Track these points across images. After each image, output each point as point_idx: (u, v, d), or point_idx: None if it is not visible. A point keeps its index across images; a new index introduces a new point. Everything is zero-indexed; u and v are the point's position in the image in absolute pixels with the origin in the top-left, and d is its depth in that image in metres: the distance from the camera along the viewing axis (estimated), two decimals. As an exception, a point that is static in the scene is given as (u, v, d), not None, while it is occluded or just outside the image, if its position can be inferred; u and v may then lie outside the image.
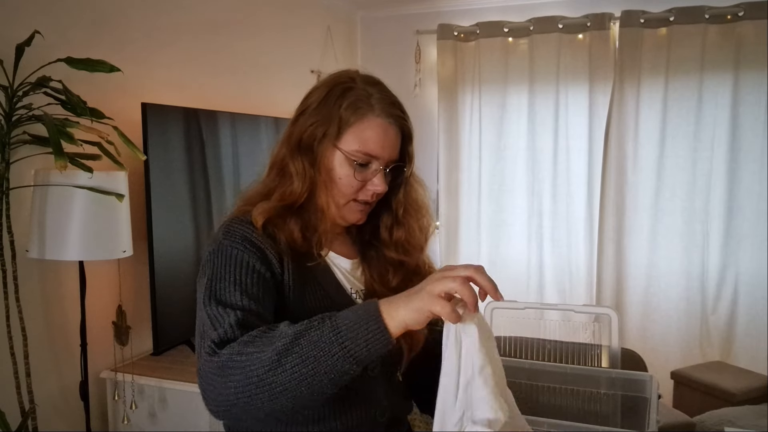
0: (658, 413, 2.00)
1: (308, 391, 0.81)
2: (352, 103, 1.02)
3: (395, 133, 1.05)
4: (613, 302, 3.64)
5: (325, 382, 0.81)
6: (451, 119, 3.95)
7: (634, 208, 3.64)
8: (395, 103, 1.05)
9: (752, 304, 3.43)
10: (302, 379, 0.81)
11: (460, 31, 3.90)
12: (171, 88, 2.50)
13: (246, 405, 0.83)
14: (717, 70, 3.42)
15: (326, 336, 0.81)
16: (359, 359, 0.81)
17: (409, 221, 1.13)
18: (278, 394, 0.81)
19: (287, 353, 0.81)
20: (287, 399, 0.82)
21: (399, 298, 0.83)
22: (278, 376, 0.81)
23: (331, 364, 0.80)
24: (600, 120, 3.65)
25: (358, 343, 0.80)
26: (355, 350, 0.80)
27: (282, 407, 0.83)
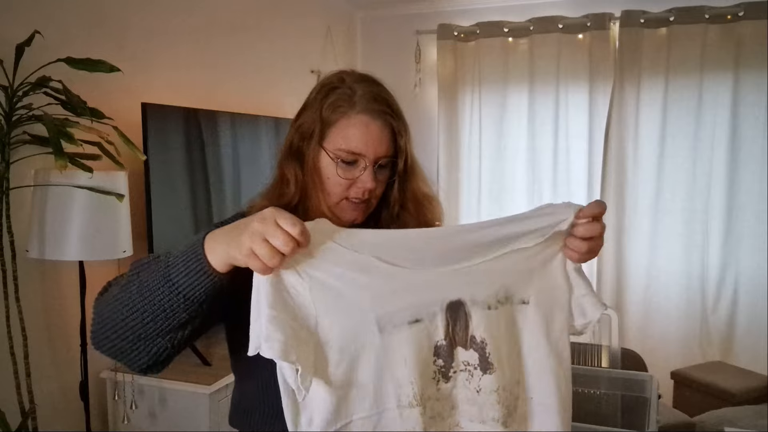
0: (658, 413, 2.00)
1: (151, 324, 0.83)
2: (333, 102, 1.02)
3: (379, 128, 1.01)
4: (613, 302, 3.64)
5: (161, 315, 0.82)
6: (451, 119, 3.95)
7: (634, 208, 3.63)
8: (379, 98, 1.03)
9: (752, 304, 3.43)
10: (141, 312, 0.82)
11: (460, 31, 3.90)
12: (171, 88, 2.50)
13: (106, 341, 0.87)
14: (717, 70, 3.42)
15: (159, 276, 0.82)
16: (186, 294, 0.81)
17: (406, 217, 1.10)
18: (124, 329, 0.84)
19: (128, 288, 0.84)
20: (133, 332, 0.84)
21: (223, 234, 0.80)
22: (120, 311, 0.84)
23: (161, 298, 0.81)
24: (600, 120, 3.65)
25: (184, 279, 0.80)
26: (182, 286, 0.81)
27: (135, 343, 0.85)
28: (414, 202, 1.10)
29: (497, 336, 0.84)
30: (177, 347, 0.88)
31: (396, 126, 1.03)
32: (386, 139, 1.02)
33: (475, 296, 0.84)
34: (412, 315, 0.82)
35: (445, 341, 0.83)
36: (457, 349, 0.83)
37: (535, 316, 0.86)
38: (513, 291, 0.85)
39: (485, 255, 0.84)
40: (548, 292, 0.86)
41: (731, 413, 2.63)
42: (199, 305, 0.82)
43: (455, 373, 0.84)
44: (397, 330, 0.81)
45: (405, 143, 1.05)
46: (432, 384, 0.83)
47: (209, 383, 2.07)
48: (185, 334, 0.86)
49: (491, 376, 0.83)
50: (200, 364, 2.22)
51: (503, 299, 0.85)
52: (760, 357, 3.30)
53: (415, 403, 0.81)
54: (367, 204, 1.05)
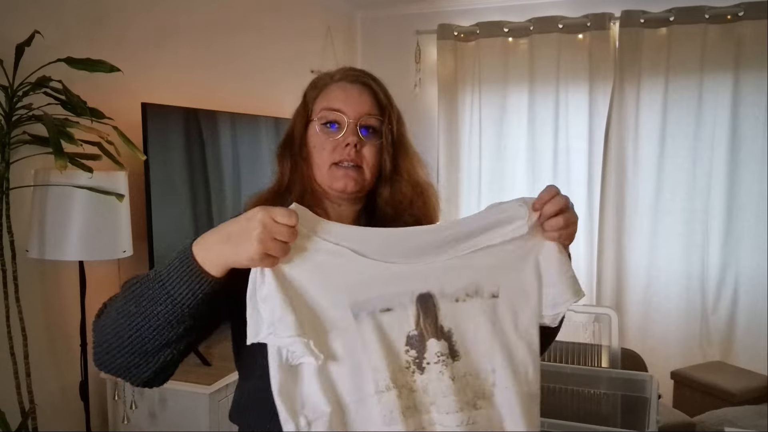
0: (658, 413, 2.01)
1: (155, 337, 0.84)
2: (315, 82, 1.10)
3: (358, 90, 1.05)
4: (613, 302, 3.64)
5: (165, 327, 0.83)
6: (451, 119, 3.95)
7: (634, 208, 3.63)
8: (357, 69, 1.08)
9: (752, 304, 3.43)
10: (144, 329, 0.84)
11: (460, 31, 3.90)
12: (171, 88, 2.50)
13: (110, 360, 0.89)
14: (717, 70, 3.42)
15: (155, 286, 0.83)
16: (187, 304, 0.82)
17: (400, 184, 1.09)
18: (129, 346, 0.85)
19: (125, 307, 0.85)
20: (138, 348, 0.85)
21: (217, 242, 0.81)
22: (122, 329, 0.85)
23: (162, 312, 0.82)
24: (600, 120, 3.65)
25: (180, 289, 0.81)
26: (179, 295, 0.81)
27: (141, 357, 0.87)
28: (408, 178, 1.10)
29: (464, 326, 0.87)
30: (181, 354, 0.90)
31: (375, 88, 1.06)
32: (367, 101, 1.05)
33: (444, 289, 0.87)
34: (384, 304, 0.85)
35: (416, 331, 0.86)
36: (429, 341, 0.86)
37: (504, 309, 0.89)
38: (482, 285, 0.89)
39: (454, 252, 0.88)
40: (517, 286, 0.90)
41: (731, 413, 2.63)
42: (200, 311, 0.84)
43: (429, 364, 0.86)
44: (370, 317, 0.84)
45: (389, 106, 1.06)
46: (406, 373, 0.85)
47: (209, 383, 2.07)
48: (190, 341, 0.88)
49: (459, 363, 0.87)
50: (200, 364, 2.22)
51: (472, 293, 0.88)
52: (760, 357, 3.30)
53: (391, 386, 0.83)
54: (358, 171, 1.04)
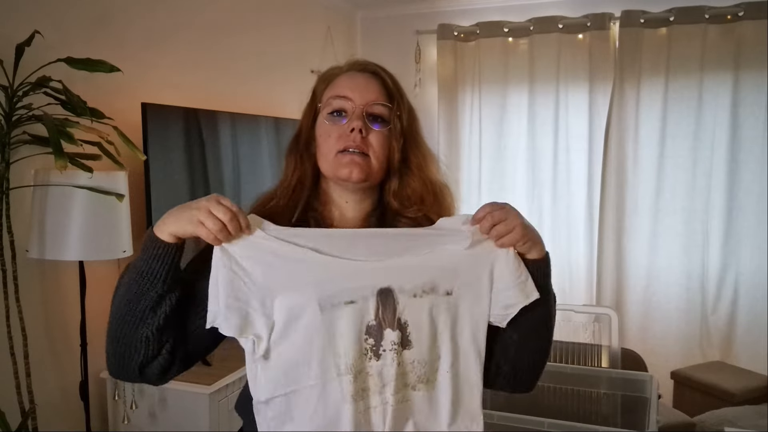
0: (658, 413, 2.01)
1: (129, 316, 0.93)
2: (323, 75, 1.10)
3: (366, 78, 1.05)
4: (613, 302, 3.64)
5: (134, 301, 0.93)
6: (451, 119, 3.95)
7: (634, 208, 3.63)
8: (364, 60, 1.09)
9: (752, 304, 3.43)
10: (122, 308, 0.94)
11: (460, 31, 3.90)
12: (171, 88, 2.50)
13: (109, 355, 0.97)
14: (717, 70, 3.42)
15: (129, 274, 0.95)
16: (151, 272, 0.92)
17: (410, 178, 1.08)
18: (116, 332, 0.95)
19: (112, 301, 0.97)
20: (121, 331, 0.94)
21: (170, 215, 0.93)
22: (111, 320, 0.96)
23: (132, 287, 0.93)
24: (600, 120, 3.65)
25: (144, 263, 0.93)
26: (145, 268, 0.93)
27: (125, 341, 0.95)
28: (419, 172, 1.08)
29: (419, 319, 0.95)
30: (156, 334, 0.94)
31: (384, 76, 1.06)
32: (375, 88, 1.04)
33: (403, 286, 0.95)
34: (348, 297, 0.93)
35: (375, 322, 0.94)
36: (386, 330, 0.94)
37: (456, 305, 0.97)
38: (438, 283, 0.96)
39: (414, 253, 0.97)
40: (470, 287, 0.98)
41: (731, 413, 2.63)
42: (161, 281, 0.92)
43: (384, 351, 0.94)
44: (336, 309, 0.92)
45: (397, 95, 1.06)
46: (364, 359, 0.94)
47: (209, 383, 2.08)
48: (160, 318, 0.93)
49: (409, 351, 0.95)
50: (200, 364, 2.22)
51: (429, 290, 0.96)
52: (760, 357, 3.30)
53: (350, 371, 0.92)
54: (364, 158, 1.02)
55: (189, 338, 0.99)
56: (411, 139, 1.08)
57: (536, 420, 1.88)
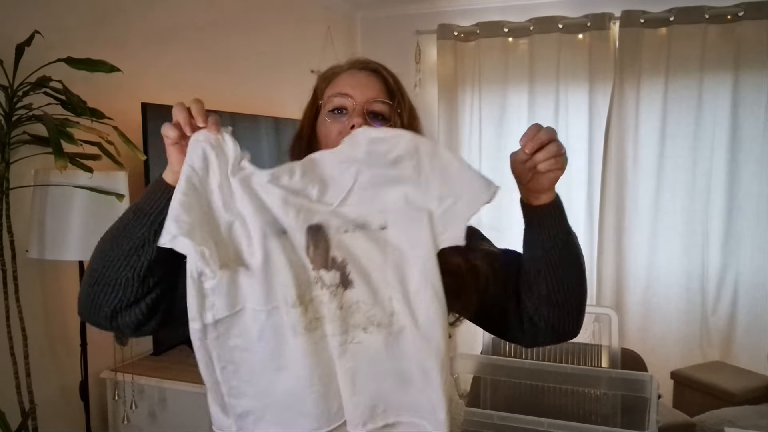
0: (658, 413, 2.01)
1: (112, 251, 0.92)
2: (324, 74, 1.11)
3: (366, 75, 1.06)
4: (613, 302, 3.64)
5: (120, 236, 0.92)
6: (451, 119, 3.95)
7: (634, 208, 3.64)
8: (365, 58, 1.10)
9: (752, 304, 3.43)
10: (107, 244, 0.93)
11: (460, 31, 3.90)
12: (171, 88, 2.50)
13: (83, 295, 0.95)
14: (717, 70, 3.42)
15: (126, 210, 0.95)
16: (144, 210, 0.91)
17: None
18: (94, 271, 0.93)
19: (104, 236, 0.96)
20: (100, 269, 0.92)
21: None
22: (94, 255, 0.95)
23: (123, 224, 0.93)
24: (600, 120, 3.65)
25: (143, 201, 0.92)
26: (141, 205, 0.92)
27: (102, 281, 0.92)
28: None
29: (356, 256, 0.89)
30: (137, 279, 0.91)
31: (385, 74, 1.06)
32: (375, 86, 1.05)
33: (331, 222, 0.89)
34: (280, 227, 0.89)
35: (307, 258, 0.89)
36: (320, 271, 0.88)
37: (395, 240, 0.90)
38: (369, 220, 0.90)
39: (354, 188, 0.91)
40: (405, 212, 0.90)
41: (731, 413, 2.63)
42: (152, 220, 0.90)
43: (322, 289, 0.88)
44: (275, 238, 0.88)
45: (398, 92, 1.05)
46: (315, 288, 0.88)
47: (209, 383, 2.07)
48: (143, 262, 0.90)
49: (351, 291, 0.88)
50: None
51: (360, 225, 0.90)
52: (760, 357, 3.30)
53: (297, 303, 0.86)
54: None
55: (176, 299, 0.94)
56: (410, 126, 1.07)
57: (536, 420, 1.88)
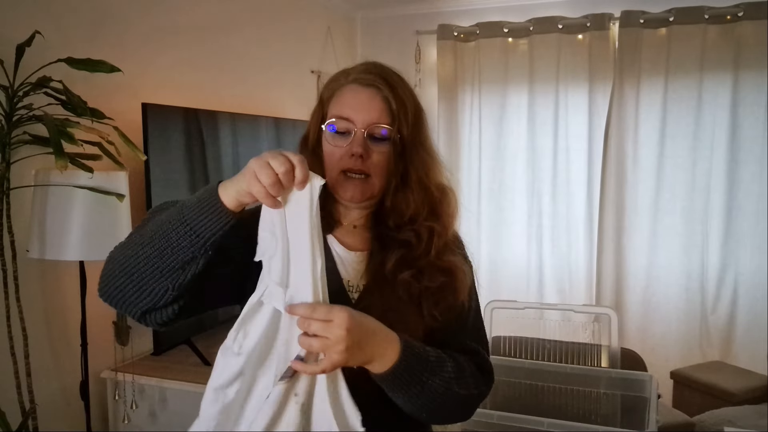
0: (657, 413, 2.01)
1: (156, 260, 0.89)
2: (331, 80, 1.09)
3: (370, 95, 1.03)
4: (612, 302, 3.64)
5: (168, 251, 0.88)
6: (451, 119, 3.95)
7: (634, 208, 3.64)
8: (373, 70, 1.05)
9: (752, 304, 3.43)
10: (150, 248, 0.89)
11: (460, 32, 3.90)
12: (171, 88, 2.50)
13: (112, 282, 0.93)
14: (717, 70, 3.42)
15: (173, 215, 0.90)
16: (197, 231, 0.88)
17: (406, 192, 1.05)
18: (131, 267, 0.90)
19: (142, 228, 0.92)
20: (138, 270, 0.90)
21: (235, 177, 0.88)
22: (131, 250, 0.91)
23: (170, 235, 0.88)
24: (600, 120, 3.65)
25: (196, 217, 0.88)
26: (193, 222, 0.87)
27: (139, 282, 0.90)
28: (418, 184, 1.06)
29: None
30: (177, 290, 0.91)
31: (388, 94, 1.03)
32: (377, 108, 1.02)
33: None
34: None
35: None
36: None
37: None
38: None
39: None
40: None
41: (731, 413, 2.64)
42: (204, 243, 0.88)
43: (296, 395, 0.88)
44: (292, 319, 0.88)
45: (399, 113, 1.03)
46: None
47: (209, 383, 2.07)
48: (187, 276, 0.90)
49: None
50: (200, 363, 2.22)
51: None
52: (760, 357, 3.30)
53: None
54: (366, 180, 1.03)
55: (203, 293, 0.96)
56: (413, 151, 1.06)
57: (536, 420, 1.88)
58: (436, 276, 1.04)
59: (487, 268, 3.86)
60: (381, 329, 0.92)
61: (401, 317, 1.02)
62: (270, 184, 0.84)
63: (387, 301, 1.02)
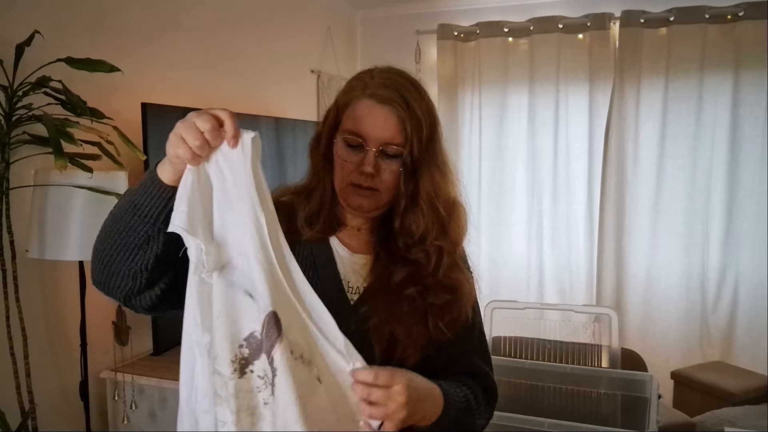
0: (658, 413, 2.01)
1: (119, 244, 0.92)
2: (349, 86, 1.07)
3: (385, 114, 1.01)
4: (613, 302, 3.64)
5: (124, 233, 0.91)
6: (451, 119, 3.95)
7: (634, 208, 3.64)
8: (391, 85, 1.03)
9: (752, 304, 3.43)
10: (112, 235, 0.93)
11: (460, 31, 3.90)
12: (171, 88, 2.50)
13: (94, 271, 0.97)
14: (717, 70, 3.42)
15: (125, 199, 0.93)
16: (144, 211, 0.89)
17: (416, 212, 1.05)
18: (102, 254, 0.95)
19: (106, 220, 0.97)
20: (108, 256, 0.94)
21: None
22: (99, 240, 0.96)
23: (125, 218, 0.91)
24: (600, 120, 3.65)
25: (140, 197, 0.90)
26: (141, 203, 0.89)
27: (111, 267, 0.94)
28: (428, 203, 1.05)
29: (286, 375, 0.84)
30: (147, 271, 0.92)
31: (403, 114, 1.01)
32: (392, 127, 1.01)
33: (291, 327, 0.86)
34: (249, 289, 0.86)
35: (259, 337, 0.85)
36: (262, 355, 0.85)
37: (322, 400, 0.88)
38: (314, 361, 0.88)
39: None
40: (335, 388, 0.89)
41: (731, 413, 2.63)
42: (154, 222, 0.89)
43: (251, 373, 0.85)
44: (234, 288, 0.86)
45: (413, 134, 1.01)
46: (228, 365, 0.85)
47: (209, 383, 2.07)
48: (150, 256, 0.91)
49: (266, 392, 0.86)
50: (200, 364, 2.22)
51: (307, 361, 0.87)
52: (760, 357, 3.30)
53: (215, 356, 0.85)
54: (374, 194, 1.04)
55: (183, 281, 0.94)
56: (424, 169, 1.05)
57: (536, 420, 1.88)
58: (442, 294, 1.05)
59: (487, 268, 3.86)
60: (430, 390, 0.97)
61: (407, 330, 1.02)
62: (198, 146, 0.83)
63: (390, 310, 1.02)
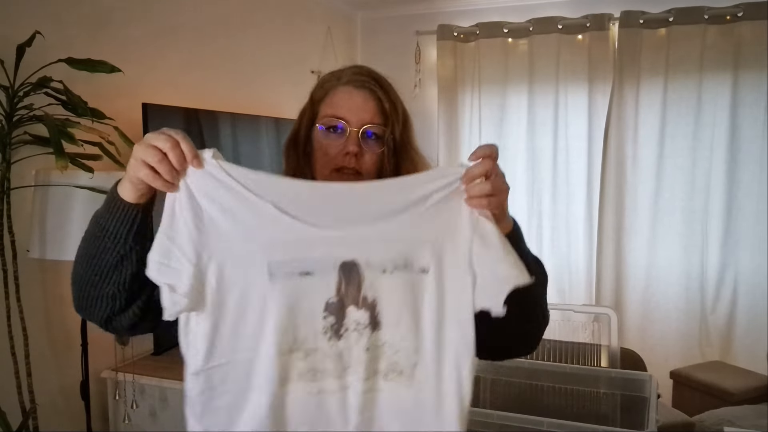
0: (657, 413, 2.01)
1: (91, 270, 0.90)
2: (323, 81, 1.10)
3: (363, 97, 1.05)
4: (612, 302, 3.64)
5: (96, 258, 0.90)
6: (451, 119, 3.95)
7: (634, 208, 3.64)
8: (365, 72, 1.07)
9: (752, 304, 3.43)
10: (84, 261, 0.91)
11: (459, 32, 3.90)
12: (171, 88, 2.50)
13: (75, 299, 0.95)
14: (716, 71, 3.42)
15: (92, 223, 0.92)
16: (112, 232, 0.88)
17: None
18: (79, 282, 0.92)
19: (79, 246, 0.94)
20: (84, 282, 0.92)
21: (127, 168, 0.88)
22: (74, 268, 0.93)
23: (95, 243, 0.90)
24: (600, 120, 3.65)
25: (106, 219, 0.89)
26: (107, 225, 0.88)
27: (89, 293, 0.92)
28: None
29: (390, 299, 0.86)
30: (124, 291, 0.91)
31: (381, 96, 1.06)
32: (371, 108, 1.05)
33: (371, 259, 0.86)
34: (304, 267, 0.84)
35: (335, 299, 0.85)
36: (349, 309, 0.86)
37: (434, 287, 0.87)
38: (412, 259, 0.86)
39: (386, 220, 0.86)
40: (450, 263, 0.86)
41: (731, 413, 2.64)
42: (124, 241, 0.88)
43: (347, 331, 0.86)
44: (287, 279, 0.84)
45: (392, 115, 1.06)
46: (323, 338, 0.85)
47: (210, 383, 2.07)
48: (125, 275, 0.90)
49: (379, 333, 0.86)
50: (201, 363, 2.22)
51: (401, 266, 0.86)
52: (759, 357, 3.30)
53: (294, 348, 0.84)
54: (357, 177, 1.05)
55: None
56: (404, 152, 1.10)
57: (536, 420, 1.88)
58: None
59: (487, 268, 3.85)
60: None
61: None
62: (157, 162, 0.83)
63: None
